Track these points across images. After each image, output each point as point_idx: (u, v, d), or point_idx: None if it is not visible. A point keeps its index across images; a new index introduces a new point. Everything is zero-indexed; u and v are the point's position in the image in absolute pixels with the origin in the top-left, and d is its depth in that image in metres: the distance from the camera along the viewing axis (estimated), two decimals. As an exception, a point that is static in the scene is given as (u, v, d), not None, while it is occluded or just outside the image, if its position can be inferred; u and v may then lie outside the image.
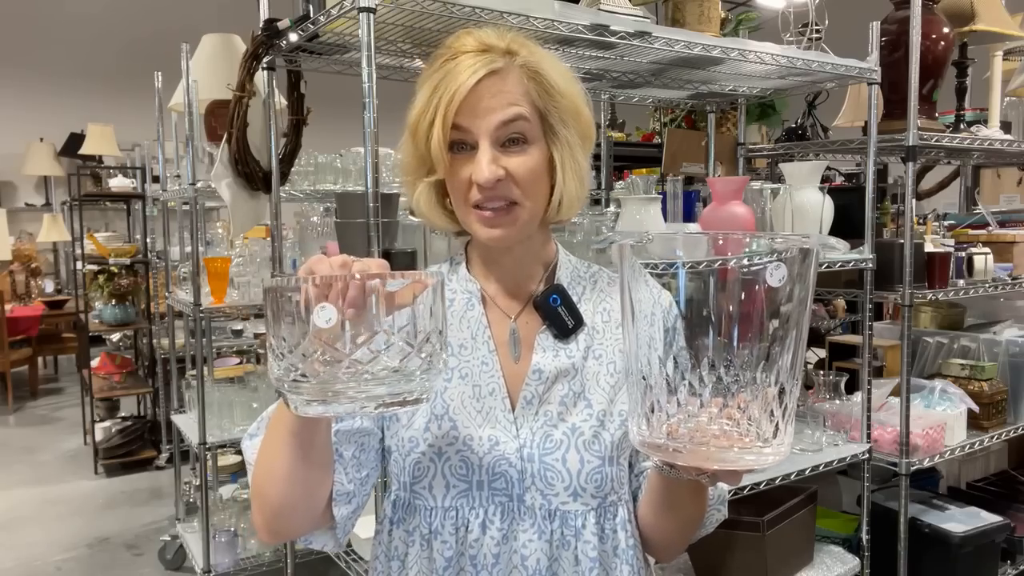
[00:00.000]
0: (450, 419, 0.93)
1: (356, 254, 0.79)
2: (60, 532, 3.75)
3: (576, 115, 0.94)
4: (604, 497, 0.93)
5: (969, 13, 2.53)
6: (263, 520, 0.90)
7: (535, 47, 0.93)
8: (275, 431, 0.86)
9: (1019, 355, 2.56)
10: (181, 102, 2.67)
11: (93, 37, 7.88)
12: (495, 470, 0.92)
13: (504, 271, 0.99)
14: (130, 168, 5.54)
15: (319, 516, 0.92)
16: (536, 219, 0.94)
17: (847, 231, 2.27)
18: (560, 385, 0.95)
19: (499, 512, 0.92)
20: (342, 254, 0.76)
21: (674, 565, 2.19)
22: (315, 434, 0.84)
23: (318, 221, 2.41)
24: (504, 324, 0.98)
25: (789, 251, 0.67)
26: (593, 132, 0.96)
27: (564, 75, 0.94)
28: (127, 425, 4.77)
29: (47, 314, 6.67)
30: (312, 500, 0.89)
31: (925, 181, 4.43)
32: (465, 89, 0.86)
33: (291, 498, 0.87)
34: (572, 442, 0.92)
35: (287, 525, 0.90)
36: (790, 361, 0.68)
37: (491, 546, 0.91)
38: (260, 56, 1.88)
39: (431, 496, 0.93)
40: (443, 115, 0.87)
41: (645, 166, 3.50)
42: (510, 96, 0.89)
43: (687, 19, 1.93)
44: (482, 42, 0.90)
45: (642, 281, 0.73)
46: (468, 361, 0.96)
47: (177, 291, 3.18)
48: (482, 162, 0.88)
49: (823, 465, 2.08)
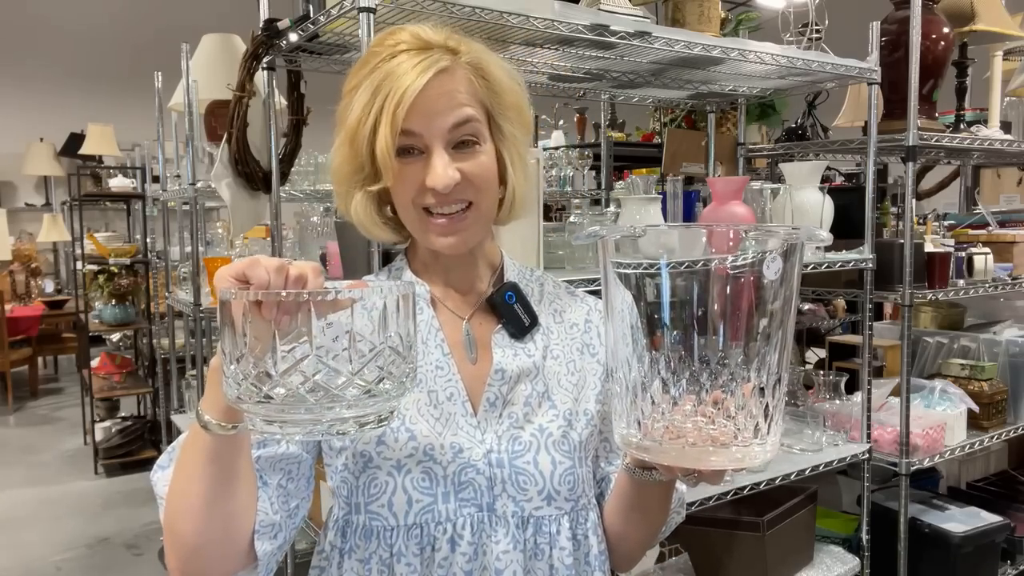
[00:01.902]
0: (407, 429, 0.86)
1: (356, 254, 0.79)
2: (60, 532, 3.75)
3: (519, 111, 0.91)
4: (576, 500, 0.90)
5: (969, 13, 2.53)
6: (177, 561, 0.79)
7: (473, 43, 0.89)
8: (190, 458, 0.76)
9: (1019, 355, 2.56)
10: (181, 102, 2.67)
11: (93, 37, 7.88)
12: (461, 479, 0.85)
13: (453, 272, 0.95)
14: (130, 168, 5.54)
15: (242, 554, 0.81)
16: (489, 220, 0.91)
17: (847, 231, 2.27)
18: (523, 385, 0.91)
19: (468, 524, 0.85)
20: (277, 257, 0.70)
21: (674, 565, 2.19)
22: (237, 458, 0.76)
23: (318, 221, 2.41)
24: (457, 325, 0.94)
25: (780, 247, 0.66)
26: (532, 125, 0.96)
27: (505, 70, 0.91)
28: (127, 425, 4.77)
29: (47, 314, 6.68)
30: (233, 535, 0.79)
31: (925, 181, 4.43)
32: (414, 91, 0.80)
33: (209, 534, 0.77)
34: (542, 443, 0.88)
35: (205, 566, 0.79)
36: (776, 359, 0.68)
37: (462, 563, 0.84)
38: (260, 56, 1.88)
39: (391, 515, 0.84)
40: (390, 119, 0.80)
41: (645, 166, 3.50)
42: (460, 96, 0.84)
43: (687, 19, 1.93)
44: (420, 38, 0.84)
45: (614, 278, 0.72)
46: (421, 366, 0.89)
47: (177, 291, 3.18)
48: (437, 167, 0.83)
49: (823, 465, 2.08)
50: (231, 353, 0.64)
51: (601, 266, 0.73)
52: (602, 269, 0.73)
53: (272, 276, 0.66)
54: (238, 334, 0.64)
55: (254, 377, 0.63)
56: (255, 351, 0.63)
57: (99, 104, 7.55)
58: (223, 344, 0.65)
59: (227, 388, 0.65)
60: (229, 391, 0.65)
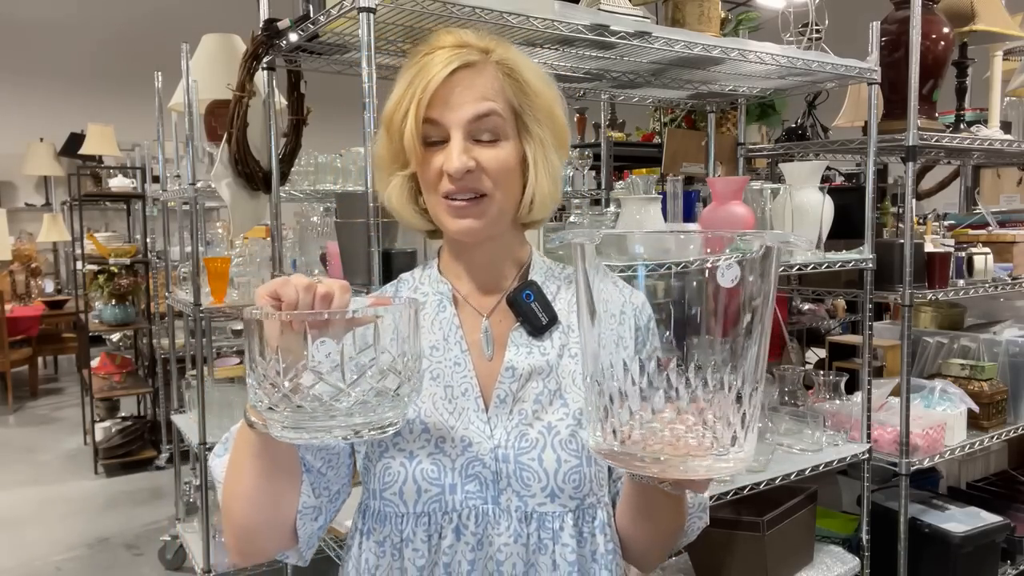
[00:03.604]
0: (421, 422, 0.91)
1: (356, 254, 0.80)
2: (60, 532, 3.75)
3: (550, 115, 0.93)
4: (582, 499, 0.90)
5: (969, 13, 2.53)
6: (233, 540, 0.90)
7: (511, 48, 0.93)
8: (239, 450, 0.87)
9: (1019, 355, 2.56)
10: (181, 102, 2.67)
11: (94, 37, 7.88)
12: (468, 472, 0.89)
13: (476, 269, 0.98)
14: (130, 168, 5.53)
15: (287, 534, 0.91)
16: (506, 215, 0.93)
17: (847, 231, 2.27)
18: (534, 383, 0.93)
19: (473, 516, 0.88)
20: (302, 275, 0.77)
21: (674, 565, 2.20)
22: (279, 452, 0.84)
23: (318, 221, 2.41)
24: (477, 323, 0.97)
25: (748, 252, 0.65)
26: (567, 136, 0.96)
27: (539, 75, 0.94)
28: (127, 425, 4.77)
29: (47, 314, 6.67)
30: (278, 518, 0.89)
31: (925, 181, 4.43)
32: (437, 81, 0.86)
33: (257, 516, 0.88)
34: (548, 441, 0.90)
35: (256, 545, 0.90)
36: (751, 368, 0.66)
37: (465, 552, 0.88)
38: (260, 56, 1.88)
39: (402, 502, 0.89)
40: (416, 107, 0.87)
41: (645, 166, 3.50)
42: (483, 91, 0.89)
43: (687, 19, 1.93)
44: (460, 39, 0.91)
45: (609, 281, 0.72)
46: (440, 363, 0.94)
47: (177, 291, 3.18)
48: (453, 152, 0.87)
49: (823, 465, 2.08)
50: (248, 365, 0.72)
51: (578, 272, 0.72)
52: (578, 274, 0.72)
53: (301, 295, 0.74)
54: (254, 350, 0.72)
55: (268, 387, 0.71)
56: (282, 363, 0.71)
57: (99, 104, 7.54)
58: (253, 361, 0.73)
59: (249, 394, 0.74)
60: (250, 397, 0.74)
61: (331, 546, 2.06)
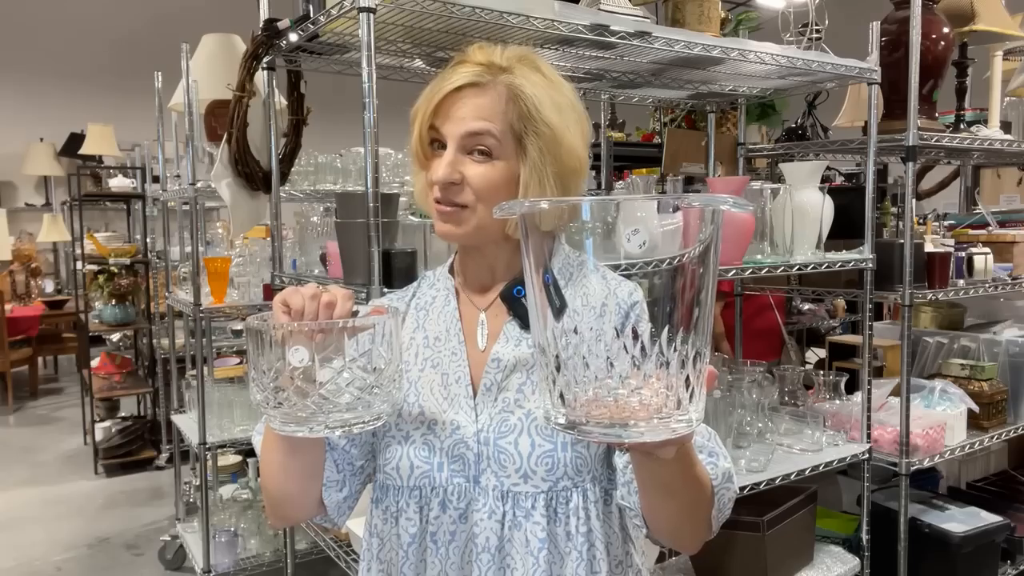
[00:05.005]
0: (419, 405, 1.01)
1: (356, 254, 0.81)
2: (60, 532, 3.75)
3: (557, 145, 0.95)
4: (555, 481, 0.96)
5: (969, 13, 2.53)
6: (270, 508, 1.03)
7: (535, 73, 0.98)
8: (267, 433, 0.99)
9: (1019, 355, 2.56)
10: (181, 102, 2.67)
11: (93, 37, 7.89)
12: (454, 452, 0.98)
13: (476, 269, 1.06)
14: (130, 168, 5.53)
15: (315, 504, 1.02)
16: (489, 228, 0.97)
17: (847, 231, 2.27)
18: (519, 374, 0.99)
19: (457, 492, 0.98)
20: (312, 284, 0.86)
21: (674, 565, 2.20)
22: (295, 439, 0.92)
23: (318, 221, 2.40)
24: (475, 315, 1.05)
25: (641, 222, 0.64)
26: (579, 162, 0.98)
27: (555, 103, 0.96)
28: (127, 425, 4.77)
29: (47, 314, 6.68)
30: (306, 490, 1.00)
31: (925, 181, 4.43)
32: (441, 94, 0.95)
33: (287, 490, 1.00)
34: (525, 426, 0.97)
35: (289, 512, 1.04)
36: (689, 334, 0.66)
37: (448, 524, 0.98)
38: (260, 56, 1.88)
39: (398, 476, 1.00)
40: (423, 114, 0.97)
41: (645, 166, 3.51)
42: (483, 111, 0.95)
43: (687, 19, 1.93)
44: (486, 56, 0.97)
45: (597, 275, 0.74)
46: (440, 352, 1.03)
47: (177, 291, 3.18)
48: (442, 163, 0.95)
49: (823, 465, 2.08)
50: (267, 375, 0.80)
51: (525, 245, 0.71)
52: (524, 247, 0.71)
53: (307, 303, 0.84)
54: (254, 355, 0.81)
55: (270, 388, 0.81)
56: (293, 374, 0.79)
57: (99, 104, 7.54)
58: (258, 366, 0.81)
59: (257, 397, 0.82)
60: (252, 395, 0.83)
61: (331, 546, 2.07)
